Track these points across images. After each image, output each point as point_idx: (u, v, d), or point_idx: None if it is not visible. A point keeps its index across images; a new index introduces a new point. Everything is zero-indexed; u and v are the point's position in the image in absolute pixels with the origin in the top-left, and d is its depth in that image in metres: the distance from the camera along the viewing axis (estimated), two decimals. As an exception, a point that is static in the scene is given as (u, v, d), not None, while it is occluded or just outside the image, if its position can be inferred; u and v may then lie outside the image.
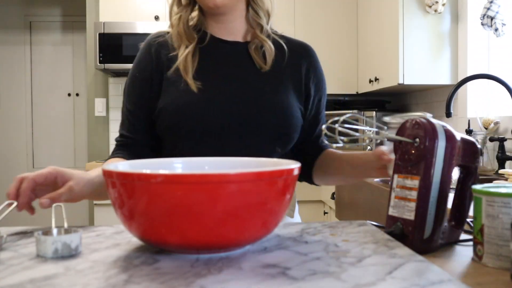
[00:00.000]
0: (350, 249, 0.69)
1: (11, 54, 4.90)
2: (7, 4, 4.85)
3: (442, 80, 2.75)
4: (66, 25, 4.91)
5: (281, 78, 1.15)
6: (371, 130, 0.79)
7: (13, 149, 4.89)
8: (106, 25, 3.39)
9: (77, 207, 4.58)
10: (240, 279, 0.56)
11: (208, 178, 0.60)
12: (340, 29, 3.57)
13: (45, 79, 4.91)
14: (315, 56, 1.22)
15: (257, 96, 1.10)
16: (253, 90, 1.11)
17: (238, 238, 0.65)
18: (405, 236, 0.74)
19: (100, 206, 3.14)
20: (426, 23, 2.72)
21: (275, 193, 0.65)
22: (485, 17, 2.31)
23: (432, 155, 0.73)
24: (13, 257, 0.66)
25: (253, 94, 1.10)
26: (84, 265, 0.62)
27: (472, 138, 0.82)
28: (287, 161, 0.75)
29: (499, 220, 0.67)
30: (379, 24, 3.10)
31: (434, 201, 0.74)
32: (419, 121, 0.75)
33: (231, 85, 1.11)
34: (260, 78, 1.12)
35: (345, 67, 3.58)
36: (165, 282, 0.55)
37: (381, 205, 1.88)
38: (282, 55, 1.16)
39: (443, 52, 2.74)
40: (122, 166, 0.77)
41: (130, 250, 0.69)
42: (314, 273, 0.58)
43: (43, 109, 4.90)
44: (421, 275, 0.58)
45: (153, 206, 0.61)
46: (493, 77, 2.10)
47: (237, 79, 1.12)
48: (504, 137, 2.18)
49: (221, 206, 0.61)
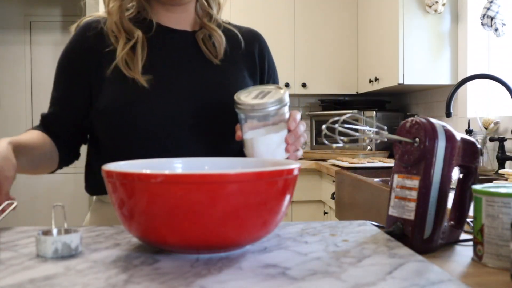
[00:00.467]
0: (350, 249, 0.69)
1: (11, 54, 4.90)
2: (7, 4, 4.85)
3: (442, 80, 2.75)
4: (66, 25, 4.90)
5: (236, 68, 1.11)
6: (371, 130, 0.79)
7: (13, 149, 4.89)
8: (106, 25, 3.38)
9: (77, 207, 4.59)
10: (240, 279, 0.56)
11: (208, 178, 0.60)
12: (340, 29, 3.57)
13: (45, 79, 4.91)
14: (264, 41, 1.19)
15: (210, 89, 1.06)
16: (206, 82, 1.06)
17: (238, 238, 0.65)
18: (405, 236, 0.74)
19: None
20: (426, 23, 2.72)
21: (275, 193, 0.65)
22: (485, 17, 2.31)
23: (432, 155, 0.73)
24: (13, 257, 0.66)
25: (206, 87, 1.06)
26: (84, 265, 0.62)
27: (472, 138, 0.81)
28: (287, 161, 0.75)
29: (499, 220, 0.67)
30: (379, 24, 3.10)
31: (434, 201, 0.74)
32: (419, 121, 0.75)
33: (182, 78, 1.05)
34: (212, 70, 1.08)
35: (345, 67, 3.58)
36: (165, 282, 0.55)
37: (381, 205, 1.88)
38: (237, 44, 1.12)
39: (443, 52, 2.74)
40: (122, 166, 0.77)
41: (130, 250, 0.69)
42: (314, 273, 0.58)
43: (43, 109, 4.88)
44: (421, 275, 0.58)
45: (153, 206, 0.61)
46: (493, 77, 2.10)
47: (188, 71, 1.07)
48: (504, 137, 2.18)
49: (221, 206, 0.61)
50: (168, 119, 1.03)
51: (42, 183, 4.84)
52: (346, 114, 0.75)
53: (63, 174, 4.78)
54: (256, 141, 0.92)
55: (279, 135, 0.92)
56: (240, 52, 1.12)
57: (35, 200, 4.78)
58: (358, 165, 2.62)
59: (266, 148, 0.91)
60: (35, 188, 4.83)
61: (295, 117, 0.93)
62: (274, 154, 0.91)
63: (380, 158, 2.90)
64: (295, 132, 0.93)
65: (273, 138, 0.91)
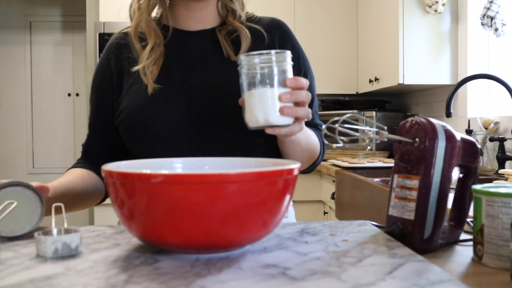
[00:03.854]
0: (350, 249, 0.69)
1: (11, 54, 4.90)
2: (7, 4, 4.85)
3: (442, 80, 2.75)
4: (66, 25, 4.91)
5: None
6: (371, 130, 0.79)
7: (13, 149, 4.89)
8: (106, 25, 3.39)
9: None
10: (240, 279, 0.56)
11: (208, 178, 0.60)
12: (340, 29, 3.57)
13: (45, 79, 4.91)
14: (287, 28, 1.14)
15: (226, 86, 1.02)
16: (222, 79, 1.04)
17: (238, 238, 0.65)
18: (405, 236, 0.74)
19: (100, 206, 3.13)
20: (426, 23, 2.72)
21: (275, 193, 0.65)
22: (485, 17, 2.31)
23: (432, 155, 0.73)
24: (13, 257, 0.66)
25: (222, 84, 1.04)
26: (84, 265, 0.62)
27: (472, 138, 0.81)
28: (287, 161, 0.75)
29: (499, 220, 0.67)
30: (379, 24, 3.10)
31: (434, 201, 0.74)
32: (419, 121, 0.75)
33: (195, 81, 1.05)
34: (229, 66, 1.04)
35: (345, 67, 3.58)
36: (165, 282, 0.55)
37: (381, 205, 1.88)
38: (260, 40, 1.09)
39: (443, 52, 2.74)
40: (122, 166, 0.77)
41: (130, 250, 0.69)
42: (314, 273, 0.58)
43: (43, 109, 4.90)
44: (421, 275, 0.58)
45: (153, 206, 0.61)
46: (493, 77, 2.10)
47: (202, 71, 1.06)
48: (504, 137, 2.18)
49: (221, 206, 0.61)
50: (179, 124, 1.02)
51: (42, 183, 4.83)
52: (346, 114, 0.75)
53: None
54: (249, 97, 0.83)
55: (273, 91, 0.82)
56: (262, 47, 1.09)
57: (35, 200, 4.77)
58: (358, 165, 2.62)
59: (258, 104, 0.82)
60: (35, 188, 4.82)
61: (297, 77, 0.84)
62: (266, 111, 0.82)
63: (380, 158, 2.90)
64: (291, 92, 0.82)
65: (267, 93, 0.82)
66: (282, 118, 0.83)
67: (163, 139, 1.03)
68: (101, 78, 1.12)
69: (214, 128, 1.02)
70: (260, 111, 0.82)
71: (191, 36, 1.10)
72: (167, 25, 1.10)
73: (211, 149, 1.01)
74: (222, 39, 1.07)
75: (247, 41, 1.07)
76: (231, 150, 1.01)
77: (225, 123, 1.02)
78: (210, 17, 1.11)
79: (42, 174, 4.81)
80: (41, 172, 4.82)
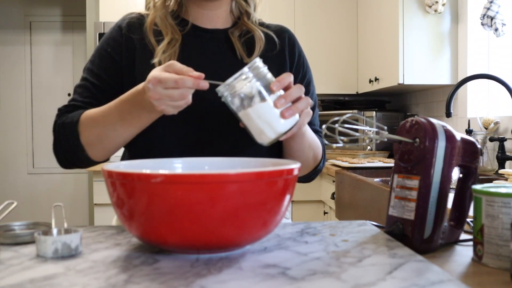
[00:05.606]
0: (350, 249, 0.69)
1: (11, 54, 4.90)
2: (7, 4, 4.85)
3: (442, 80, 2.75)
4: (66, 25, 4.91)
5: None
6: (371, 130, 0.79)
7: (13, 149, 4.89)
8: (106, 25, 3.39)
9: (77, 207, 4.59)
10: (240, 279, 0.56)
11: (208, 178, 0.60)
12: (340, 29, 3.57)
13: (45, 79, 4.91)
14: (293, 35, 1.16)
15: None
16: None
17: (238, 238, 0.65)
18: (405, 236, 0.74)
19: (100, 206, 3.13)
20: (426, 23, 2.72)
21: (275, 193, 0.65)
22: (485, 17, 2.31)
23: (432, 155, 0.73)
24: (13, 257, 0.66)
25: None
26: (84, 265, 0.62)
27: (472, 138, 0.81)
28: (287, 161, 0.75)
29: (499, 220, 0.67)
30: (379, 24, 3.10)
31: (434, 201, 0.74)
32: (419, 121, 0.75)
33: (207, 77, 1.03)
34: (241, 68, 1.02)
35: (345, 67, 3.58)
36: (165, 282, 0.55)
37: (381, 205, 1.88)
38: (272, 45, 1.10)
39: (443, 52, 2.74)
40: (122, 166, 0.77)
41: (130, 250, 0.69)
42: (314, 273, 0.58)
43: (43, 109, 4.90)
44: (421, 275, 0.58)
45: (153, 206, 0.61)
46: (493, 77, 2.10)
47: (215, 71, 1.03)
48: (504, 137, 2.18)
49: (221, 206, 0.61)
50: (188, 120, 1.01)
51: (42, 183, 4.84)
52: (346, 114, 0.75)
53: (63, 174, 4.78)
54: (247, 120, 0.83)
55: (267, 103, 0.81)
56: (274, 53, 1.10)
57: (35, 200, 4.78)
58: (358, 165, 2.62)
59: (259, 123, 0.82)
60: (35, 188, 4.83)
61: (279, 78, 0.82)
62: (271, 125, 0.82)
63: (380, 158, 2.90)
64: (284, 95, 0.82)
65: (262, 108, 0.81)
66: (288, 121, 0.83)
67: (172, 131, 1.01)
68: (112, 46, 1.08)
69: (222, 128, 1.03)
70: (265, 127, 0.82)
71: (206, 33, 1.09)
72: (185, 19, 1.10)
73: (219, 149, 1.01)
74: (235, 40, 1.08)
75: (260, 43, 1.08)
76: (239, 150, 1.02)
77: (234, 124, 1.01)
78: (222, 17, 1.11)
79: (42, 174, 4.81)
80: (41, 172, 4.82)
